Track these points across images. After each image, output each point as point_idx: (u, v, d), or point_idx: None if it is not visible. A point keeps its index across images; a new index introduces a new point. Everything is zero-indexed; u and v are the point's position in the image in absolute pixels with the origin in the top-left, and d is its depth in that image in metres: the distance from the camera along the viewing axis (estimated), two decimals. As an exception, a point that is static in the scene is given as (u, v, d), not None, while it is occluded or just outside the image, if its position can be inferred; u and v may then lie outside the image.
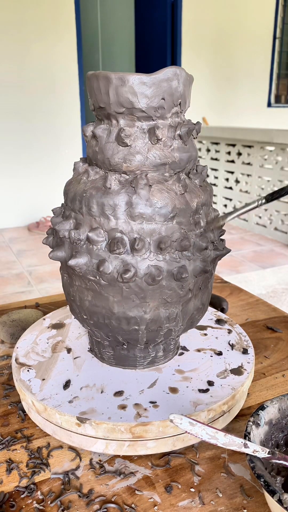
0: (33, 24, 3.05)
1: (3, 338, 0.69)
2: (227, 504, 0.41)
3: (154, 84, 0.42)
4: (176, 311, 0.47)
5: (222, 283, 0.93)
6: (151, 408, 0.46)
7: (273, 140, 2.85)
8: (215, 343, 0.58)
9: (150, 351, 0.52)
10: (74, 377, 0.51)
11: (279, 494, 0.32)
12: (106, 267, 0.43)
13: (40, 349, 0.56)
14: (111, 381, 0.50)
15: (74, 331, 0.61)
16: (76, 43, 3.25)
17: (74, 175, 0.49)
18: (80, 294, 0.48)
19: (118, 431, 0.43)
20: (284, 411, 0.42)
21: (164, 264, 0.44)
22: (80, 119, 3.42)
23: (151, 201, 0.43)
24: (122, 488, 0.43)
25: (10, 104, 3.14)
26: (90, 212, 0.44)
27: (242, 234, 3.19)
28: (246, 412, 0.53)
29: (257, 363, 0.63)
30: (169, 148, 0.45)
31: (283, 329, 0.73)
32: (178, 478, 0.44)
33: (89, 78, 0.45)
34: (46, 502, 0.41)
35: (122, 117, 0.44)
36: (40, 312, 0.74)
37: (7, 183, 3.28)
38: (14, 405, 0.55)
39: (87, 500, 0.41)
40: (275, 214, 3.03)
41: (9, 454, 0.47)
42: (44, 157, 3.35)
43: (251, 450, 0.36)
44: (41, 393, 0.48)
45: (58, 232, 0.47)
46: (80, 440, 0.45)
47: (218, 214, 0.52)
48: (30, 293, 2.19)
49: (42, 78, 3.18)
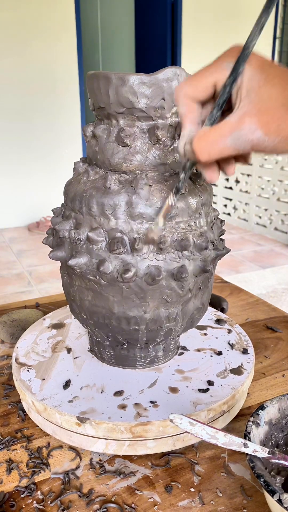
0: (33, 24, 3.05)
1: (3, 338, 0.69)
2: (227, 504, 0.41)
3: (154, 84, 0.42)
4: (176, 311, 0.47)
5: (222, 283, 0.93)
6: (151, 408, 0.46)
7: (273, 140, 2.85)
8: (215, 343, 0.58)
9: (150, 351, 0.52)
10: (74, 377, 0.51)
11: (279, 494, 0.32)
12: (106, 267, 0.43)
13: (40, 349, 0.56)
14: (111, 381, 0.50)
15: (74, 331, 0.61)
16: (76, 43, 3.25)
17: (74, 175, 0.49)
18: (80, 294, 0.48)
19: (118, 431, 0.43)
20: (284, 411, 0.42)
21: (164, 264, 0.44)
22: (80, 119, 3.42)
23: (151, 201, 0.43)
24: (122, 488, 0.43)
25: (10, 104, 3.14)
26: (90, 212, 0.44)
27: (242, 234, 3.19)
28: (246, 412, 0.53)
29: (257, 363, 0.63)
30: (169, 148, 0.45)
31: (283, 329, 0.73)
32: (178, 478, 0.44)
33: (89, 78, 0.45)
34: (46, 502, 0.41)
35: (122, 117, 0.44)
36: (40, 312, 0.74)
37: (7, 183, 3.28)
38: (14, 405, 0.55)
39: (87, 500, 0.41)
40: (275, 214, 3.03)
41: (9, 454, 0.47)
42: (44, 157, 3.35)
43: (251, 450, 0.36)
44: (41, 393, 0.48)
45: (58, 232, 0.47)
46: (80, 440, 0.45)
47: (218, 214, 0.52)
48: (30, 293, 2.19)
49: (42, 78, 3.18)
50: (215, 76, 0.33)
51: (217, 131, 0.32)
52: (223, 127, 0.32)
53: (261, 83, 0.31)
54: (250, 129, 0.31)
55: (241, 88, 0.32)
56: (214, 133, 0.32)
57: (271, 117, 0.31)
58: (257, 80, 0.31)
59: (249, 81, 0.32)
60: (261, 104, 0.31)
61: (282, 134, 0.31)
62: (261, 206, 3.14)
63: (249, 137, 0.31)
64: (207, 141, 0.32)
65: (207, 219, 0.48)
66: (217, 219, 0.51)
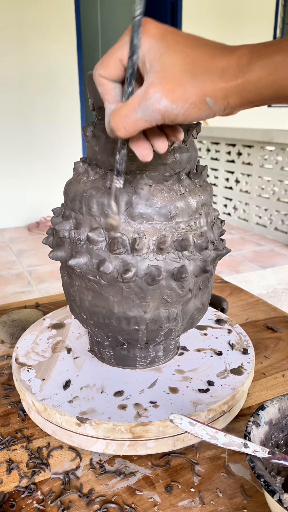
0: (33, 24, 3.05)
1: (3, 338, 0.69)
2: (227, 504, 0.41)
3: (154, 84, 0.42)
4: (176, 311, 0.47)
5: (222, 283, 0.93)
6: (151, 408, 0.46)
7: (273, 140, 2.85)
8: (215, 343, 0.58)
9: (150, 351, 0.52)
10: (74, 377, 0.51)
11: (279, 494, 0.32)
12: (106, 267, 0.43)
13: (40, 349, 0.56)
14: (111, 381, 0.50)
15: (74, 331, 0.61)
16: (76, 43, 3.25)
17: (74, 175, 0.49)
18: (80, 294, 0.48)
19: (118, 431, 0.43)
20: (284, 411, 0.42)
21: (164, 264, 0.44)
22: (80, 119, 3.42)
23: (151, 201, 0.43)
24: (122, 488, 0.43)
25: (10, 104, 3.14)
26: (90, 212, 0.44)
27: (242, 234, 3.19)
28: (246, 412, 0.53)
29: (257, 363, 0.63)
30: (169, 148, 0.45)
31: (283, 329, 0.73)
32: (178, 478, 0.44)
33: (89, 78, 0.45)
34: (46, 502, 0.41)
35: (122, 117, 0.44)
36: (40, 312, 0.74)
37: (7, 183, 3.28)
38: (14, 405, 0.55)
39: (87, 500, 0.41)
40: (275, 214, 3.03)
41: (9, 454, 0.47)
42: (44, 157, 3.35)
43: (251, 450, 0.36)
44: (41, 393, 0.48)
45: (58, 232, 0.47)
46: (80, 440, 0.45)
47: (218, 214, 0.52)
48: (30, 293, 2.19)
49: (42, 78, 3.19)
50: (118, 53, 0.33)
51: (127, 105, 0.32)
52: (132, 100, 0.32)
53: (162, 51, 0.31)
54: (156, 98, 0.31)
55: (145, 60, 0.32)
56: (125, 107, 0.32)
57: (176, 84, 0.30)
58: (157, 49, 0.31)
59: (150, 52, 0.31)
60: (165, 72, 0.31)
61: (189, 100, 0.30)
62: (261, 206, 3.15)
63: (156, 106, 0.31)
64: (120, 116, 0.32)
65: (207, 219, 0.48)
66: (217, 219, 0.51)
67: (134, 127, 0.32)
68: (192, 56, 0.31)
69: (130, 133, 0.33)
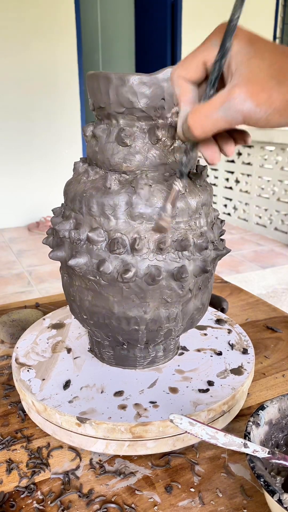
0: (33, 24, 3.05)
1: (3, 338, 0.69)
2: (227, 504, 0.41)
3: (154, 84, 0.42)
4: (176, 311, 0.47)
5: (222, 283, 0.93)
6: (151, 408, 0.46)
7: (273, 140, 2.85)
8: (215, 343, 0.58)
9: (150, 351, 0.52)
10: (74, 377, 0.51)
11: (279, 494, 0.32)
12: (106, 267, 0.43)
13: (40, 349, 0.56)
14: (111, 381, 0.50)
15: (74, 331, 0.61)
16: (76, 43, 3.24)
17: (74, 175, 0.49)
18: (80, 294, 0.48)
19: (118, 431, 0.43)
20: (284, 411, 0.42)
21: (164, 264, 0.44)
22: (80, 119, 3.42)
23: (151, 201, 0.43)
24: (122, 488, 0.43)
25: (10, 104, 3.14)
26: (90, 212, 0.44)
27: (242, 234, 3.19)
28: (246, 412, 0.53)
29: (257, 363, 0.63)
30: (169, 148, 0.45)
31: (283, 329, 0.73)
32: (178, 478, 0.44)
33: (89, 78, 0.45)
34: (46, 502, 0.41)
35: (122, 117, 0.44)
36: (40, 312, 0.74)
37: (7, 183, 3.28)
38: (14, 405, 0.55)
39: (87, 500, 0.41)
40: (275, 214, 3.03)
41: (9, 454, 0.47)
42: (44, 157, 3.34)
43: (251, 450, 0.36)
44: (41, 393, 0.48)
45: (58, 232, 0.47)
46: (80, 440, 0.45)
47: (218, 214, 0.52)
48: (30, 293, 2.19)
49: (42, 78, 3.18)
50: (204, 55, 0.33)
51: (209, 104, 0.32)
52: (215, 99, 0.32)
53: (251, 56, 0.31)
54: (240, 99, 0.31)
55: (231, 63, 0.32)
56: (206, 106, 0.32)
57: (261, 88, 0.30)
58: (245, 53, 0.31)
59: (237, 55, 0.32)
60: (251, 75, 0.31)
61: (273, 105, 0.31)
62: (261, 206, 3.14)
63: (239, 107, 0.31)
64: (200, 114, 0.32)
65: (207, 219, 0.48)
66: (217, 219, 0.51)
67: (213, 127, 0.33)
68: (279, 63, 0.31)
69: (207, 132, 0.33)
